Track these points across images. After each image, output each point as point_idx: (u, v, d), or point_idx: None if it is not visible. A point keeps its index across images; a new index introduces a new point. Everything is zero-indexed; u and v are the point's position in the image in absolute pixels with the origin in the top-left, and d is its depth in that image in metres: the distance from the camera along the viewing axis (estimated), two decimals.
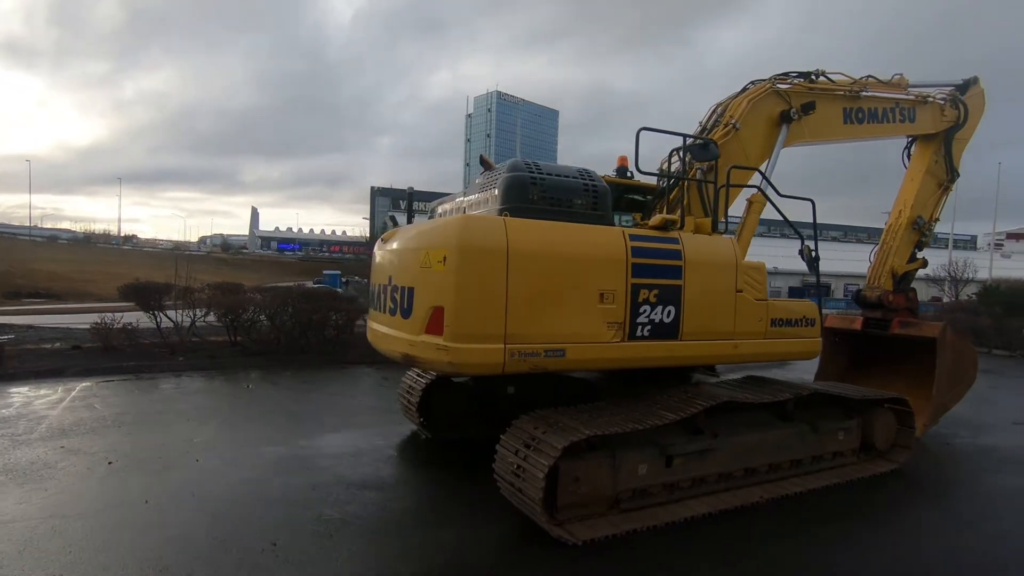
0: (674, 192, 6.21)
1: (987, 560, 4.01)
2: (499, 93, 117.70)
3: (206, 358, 10.36)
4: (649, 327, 4.63)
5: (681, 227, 5.03)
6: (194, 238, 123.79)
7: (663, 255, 4.73)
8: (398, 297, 4.60)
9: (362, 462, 5.55)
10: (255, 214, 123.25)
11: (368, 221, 57.36)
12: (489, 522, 4.28)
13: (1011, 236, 75.74)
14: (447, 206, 5.54)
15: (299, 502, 4.51)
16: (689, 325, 4.82)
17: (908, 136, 8.26)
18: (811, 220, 6.17)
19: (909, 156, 8.44)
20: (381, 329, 5.03)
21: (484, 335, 4.04)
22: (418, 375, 6.51)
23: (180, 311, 10.95)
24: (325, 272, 62.38)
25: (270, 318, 11.42)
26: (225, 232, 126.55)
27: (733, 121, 6.33)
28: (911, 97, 7.78)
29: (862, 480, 5.40)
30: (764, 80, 6.80)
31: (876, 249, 8.32)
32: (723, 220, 5.44)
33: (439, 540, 4.00)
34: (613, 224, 4.77)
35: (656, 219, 4.87)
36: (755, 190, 6.08)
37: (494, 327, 4.06)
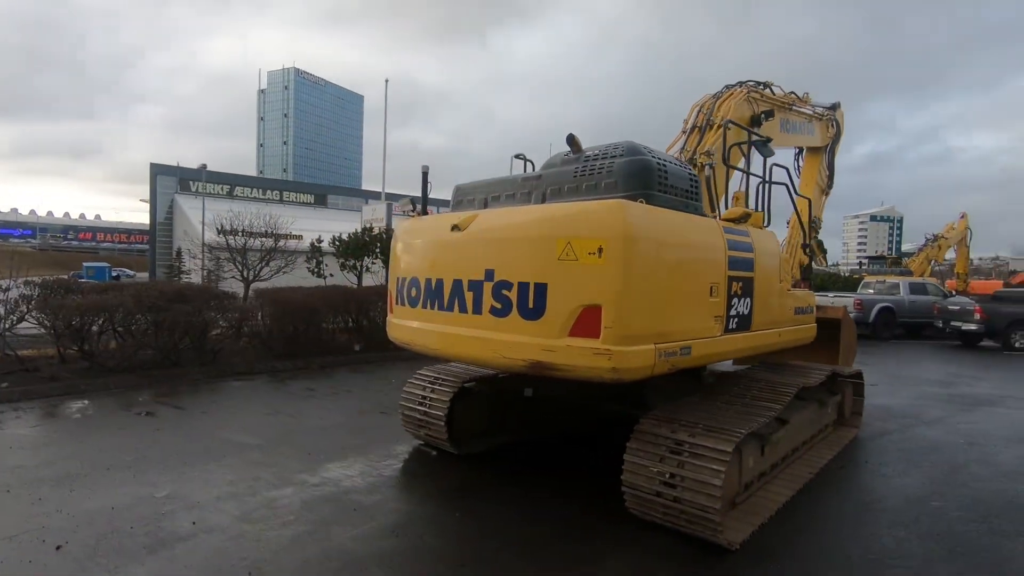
0: None
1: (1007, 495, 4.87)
2: (298, 70, 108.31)
3: (45, 381, 7.69)
4: (736, 319, 4.67)
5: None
6: None
7: (744, 248, 4.80)
8: (511, 295, 3.90)
9: (418, 494, 4.65)
10: None
11: (148, 203, 48.49)
12: (636, 542, 3.89)
13: None
14: (482, 192, 4.86)
15: (407, 554, 3.58)
16: (757, 316, 4.98)
17: (798, 147, 9.65)
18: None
19: (799, 166, 9.88)
20: (463, 332, 4.20)
21: (641, 336, 3.65)
22: (431, 383, 5.65)
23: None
24: (87, 264, 51.44)
25: (122, 324, 8.92)
26: None
27: (726, 121, 6.68)
28: (812, 112, 9.08)
29: (848, 446, 6.19)
30: (735, 85, 7.33)
31: (783, 246, 9.59)
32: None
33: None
34: (705, 215, 4.69)
35: (737, 211, 4.90)
36: (737, 188, 6.51)
37: (648, 326, 3.71)
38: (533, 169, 6.35)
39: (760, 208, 6.42)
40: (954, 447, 6.33)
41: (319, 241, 13.73)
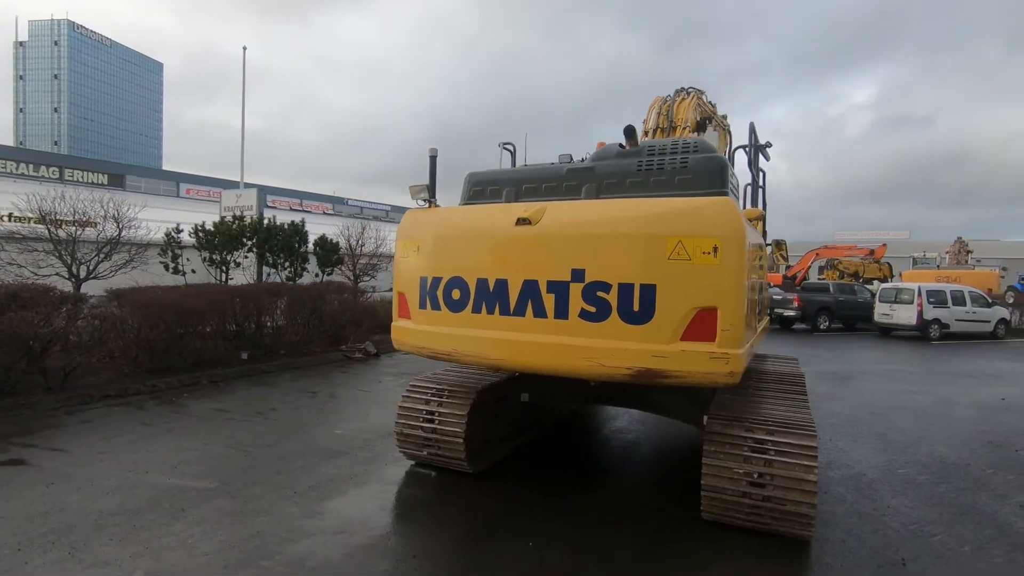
0: None
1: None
2: (72, 23, 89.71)
3: None
4: (755, 316, 4.87)
5: None
6: None
7: (759, 247, 5.03)
8: (608, 297, 3.55)
9: (469, 527, 4.05)
10: None
11: None
12: (724, 546, 3.83)
13: None
14: (509, 182, 4.46)
15: None
16: (762, 311, 5.27)
17: None
18: None
19: None
20: (541, 340, 3.73)
21: (743, 337, 3.60)
22: (437, 396, 4.99)
23: None
24: None
25: None
26: None
27: (687, 124, 6.98)
28: (720, 121, 9.94)
29: None
30: (682, 90, 7.69)
31: None
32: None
33: None
34: None
35: (754, 212, 5.07)
36: None
37: (744, 327, 3.67)
38: (514, 160, 6.00)
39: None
40: (865, 420, 7.38)
41: (178, 231, 11.50)
